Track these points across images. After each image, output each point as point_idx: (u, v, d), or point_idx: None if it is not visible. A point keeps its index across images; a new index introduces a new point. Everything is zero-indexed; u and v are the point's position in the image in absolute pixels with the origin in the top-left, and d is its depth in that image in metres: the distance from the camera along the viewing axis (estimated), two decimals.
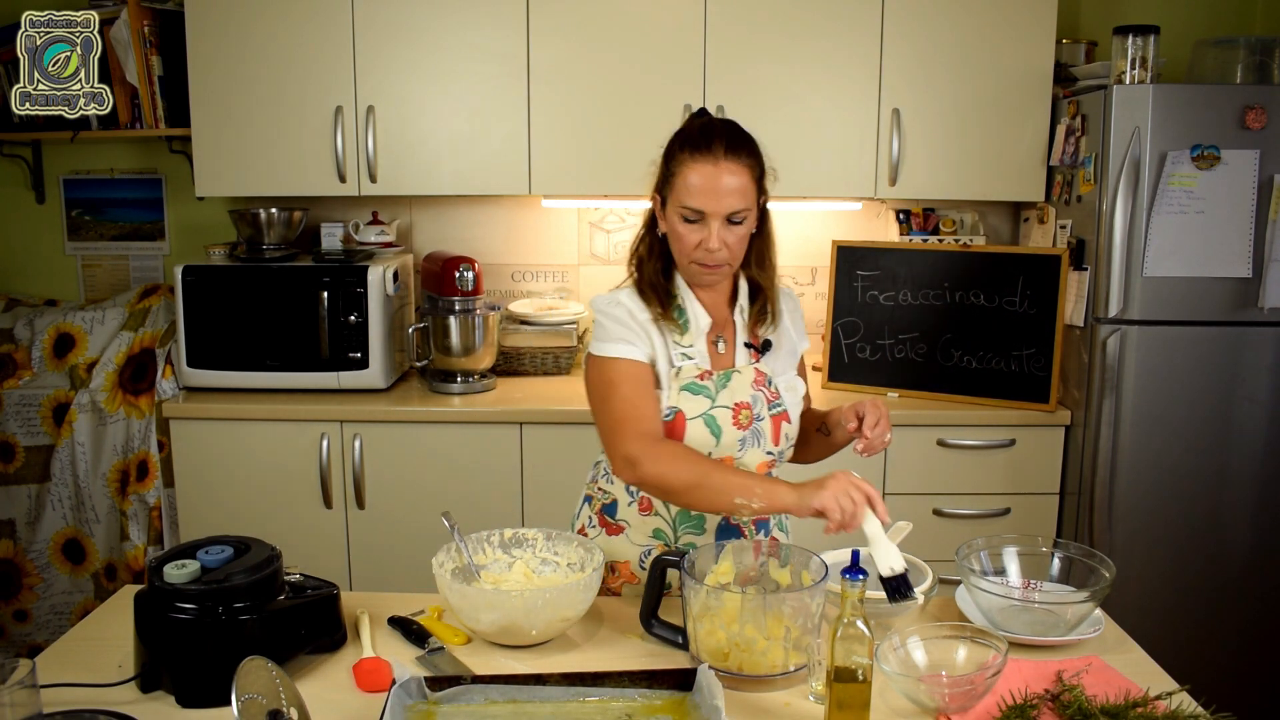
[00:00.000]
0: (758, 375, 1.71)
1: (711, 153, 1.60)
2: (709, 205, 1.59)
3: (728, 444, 1.66)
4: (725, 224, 1.61)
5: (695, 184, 1.60)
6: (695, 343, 1.69)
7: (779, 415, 1.71)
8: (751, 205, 1.63)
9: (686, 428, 1.65)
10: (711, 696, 1.24)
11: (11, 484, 2.99)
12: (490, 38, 2.85)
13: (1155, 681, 1.40)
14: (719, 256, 1.62)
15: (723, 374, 1.69)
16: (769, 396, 1.71)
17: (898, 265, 2.95)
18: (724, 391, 1.67)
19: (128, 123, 3.02)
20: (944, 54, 2.87)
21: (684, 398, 1.66)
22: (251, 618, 1.38)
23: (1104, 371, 2.66)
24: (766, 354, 1.74)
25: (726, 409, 1.66)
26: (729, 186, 1.59)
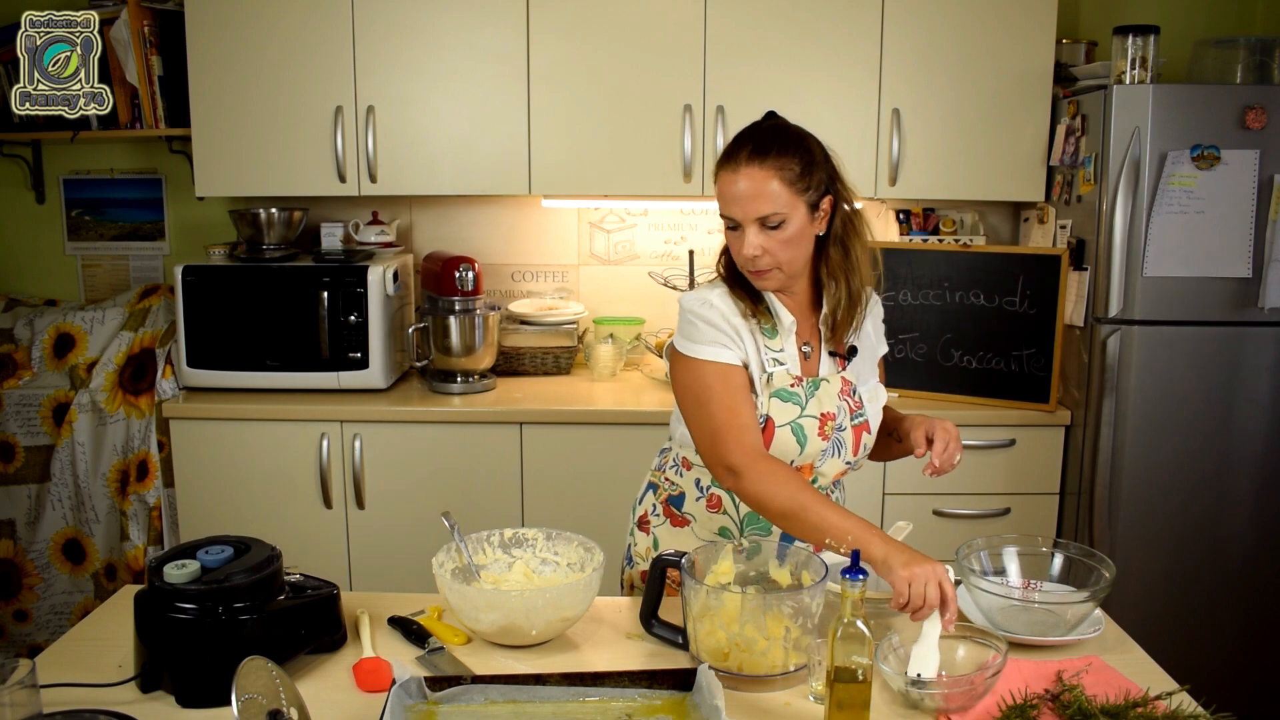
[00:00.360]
0: (844, 384, 1.70)
1: (734, 160, 1.59)
2: (735, 211, 1.59)
3: (811, 453, 1.65)
4: (760, 229, 1.58)
5: (722, 191, 1.61)
6: (785, 345, 1.66)
7: (861, 425, 1.70)
8: (785, 208, 1.57)
9: (775, 435, 1.63)
10: (711, 696, 1.24)
11: (11, 484, 2.99)
12: (490, 38, 2.85)
13: (1155, 681, 1.40)
14: (761, 263, 1.59)
15: (812, 381, 1.67)
16: (853, 406, 1.70)
17: (898, 265, 2.95)
18: (813, 400, 1.65)
19: (128, 123, 3.02)
20: (944, 54, 2.87)
21: (775, 404, 1.63)
22: (251, 618, 1.38)
23: (1104, 371, 2.66)
24: (852, 360, 1.73)
25: (814, 418, 1.65)
26: (749, 192, 1.57)
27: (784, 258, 1.60)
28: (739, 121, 2.86)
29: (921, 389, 2.91)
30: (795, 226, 1.59)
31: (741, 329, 1.64)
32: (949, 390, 2.89)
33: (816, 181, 1.62)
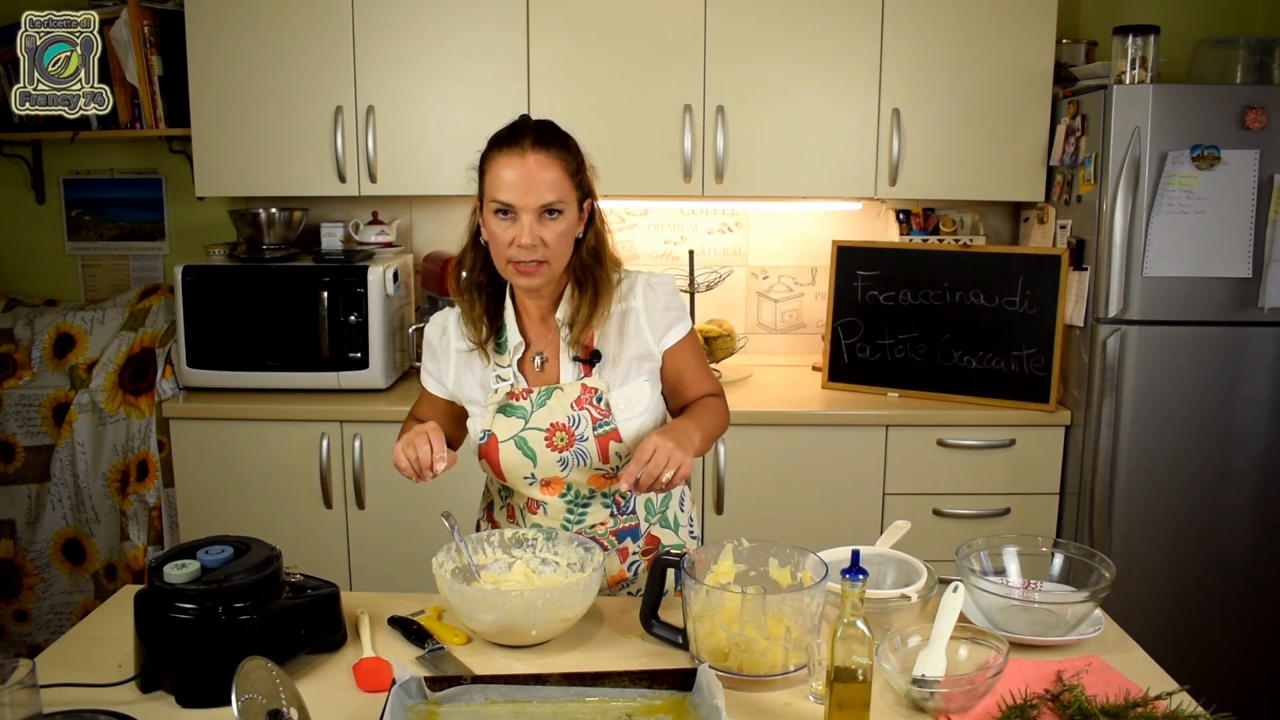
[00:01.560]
0: (584, 390, 1.66)
1: (519, 145, 1.57)
2: (517, 197, 1.55)
3: (546, 465, 1.66)
4: (539, 218, 1.56)
5: (503, 177, 1.56)
6: (510, 363, 1.68)
7: (608, 434, 1.65)
8: (566, 199, 1.59)
9: (500, 450, 1.66)
10: (711, 696, 1.24)
11: (11, 484, 2.99)
12: (490, 38, 2.85)
13: (1155, 681, 1.40)
14: (536, 254, 1.57)
15: (542, 391, 1.66)
16: (596, 415, 1.65)
17: (898, 265, 2.95)
18: (540, 411, 1.65)
19: (128, 123, 3.02)
20: (944, 54, 2.87)
21: (498, 420, 1.67)
22: (251, 618, 1.38)
23: (1104, 371, 2.66)
24: (597, 365, 1.68)
25: (540, 431, 1.65)
26: (538, 178, 1.55)
27: (556, 252, 1.60)
28: (739, 121, 2.89)
29: (921, 389, 2.92)
30: (569, 220, 1.61)
31: (462, 358, 1.71)
32: (949, 390, 2.89)
33: (584, 180, 1.65)
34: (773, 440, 2.78)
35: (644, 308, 1.70)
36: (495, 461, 1.68)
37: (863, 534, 2.59)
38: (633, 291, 1.71)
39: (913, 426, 2.78)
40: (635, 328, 1.70)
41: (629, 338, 1.70)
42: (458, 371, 1.73)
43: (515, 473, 1.68)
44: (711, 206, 3.28)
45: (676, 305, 1.73)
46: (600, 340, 1.69)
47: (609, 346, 1.69)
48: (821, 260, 3.29)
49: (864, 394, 2.95)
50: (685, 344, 1.74)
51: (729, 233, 3.31)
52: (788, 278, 3.34)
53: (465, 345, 1.70)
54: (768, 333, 3.37)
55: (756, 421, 2.76)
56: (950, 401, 2.87)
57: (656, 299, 1.71)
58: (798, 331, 3.37)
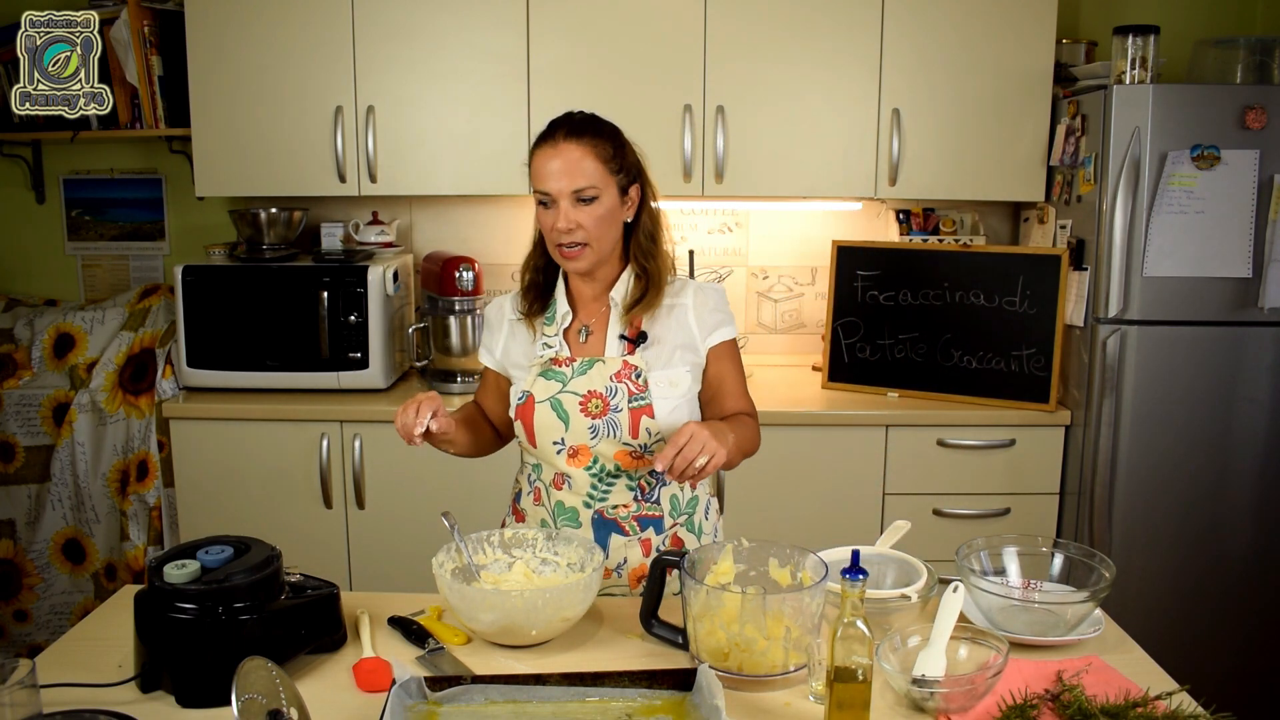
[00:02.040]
0: (625, 366, 1.73)
1: (553, 138, 1.68)
2: (551, 185, 1.66)
3: (577, 430, 1.71)
4: (574, 203, 1.66)
5: (539, 168, 1.67)
6: (557, 333, 1.77)
7: (641, 409, 1.71)
8: (600, 184, 1.67)
9: (535, 411, 1.73)
10: (711, 696, 1.24)
11: (11, 484, 2.99)
12: (490, 38, 2.85)
13: (1155, 681, 1.40)
14: (574, 236, 1.67)
15: (584, 361, 1.74)
16: (633, 389, 1.71)
17: (898, 265, 2.95)
18: (580, 379, 1.72)
19: (128, 123, 3.02)
20: (944, 54, 2.87)
21: (538, 383, 1.74)
22: (251, 618, 1.38)
23: (1104, 371, 2.66)
24: (642, 346, 1.74)
25: (576, 395, 1.72)
26: (568, 165, 1.65)
27: (595, 234, 1.68)
28: (739, 121, 2.89)
29: (921, 389, 2.92)
30: (606, 205, 1.68)
31: (513, 327, 1.82)
32: (949, 390, 2.89)
33: (627, 166, 1.73)
34: (773, 440, 2.77)
35: (694, 305, 1.78)
36: (529, 423, 1.73)
37: (863, 534, 2.58)
38: (685, 291, 1.79)
39: (913, 426, 2.78)
40: (682, 320, 1.77)
41: (675, 328, 1.77)
42: (507, 341, 1.83)
43: (546, 435, 1.73)
44: (711, 206, 3.28)
45: (726, 310, 1.82)
46: (648, 324, 1.76)
47: (655, 331, 1.76)
48: (821, 260, 3.29)
49: (864, 394, 2.95)
50: (730, 348, 1.81)
51: (729, 233, 3.31)
52: (788, 278, 3.34)
53: (517, 315, 1.82)
54: (768, 333, 3.37)
55: None
56: (950, 401, 2.87)
57: (707, 299, 1.80)
58: (798, 331, 3.37)
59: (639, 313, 1.74)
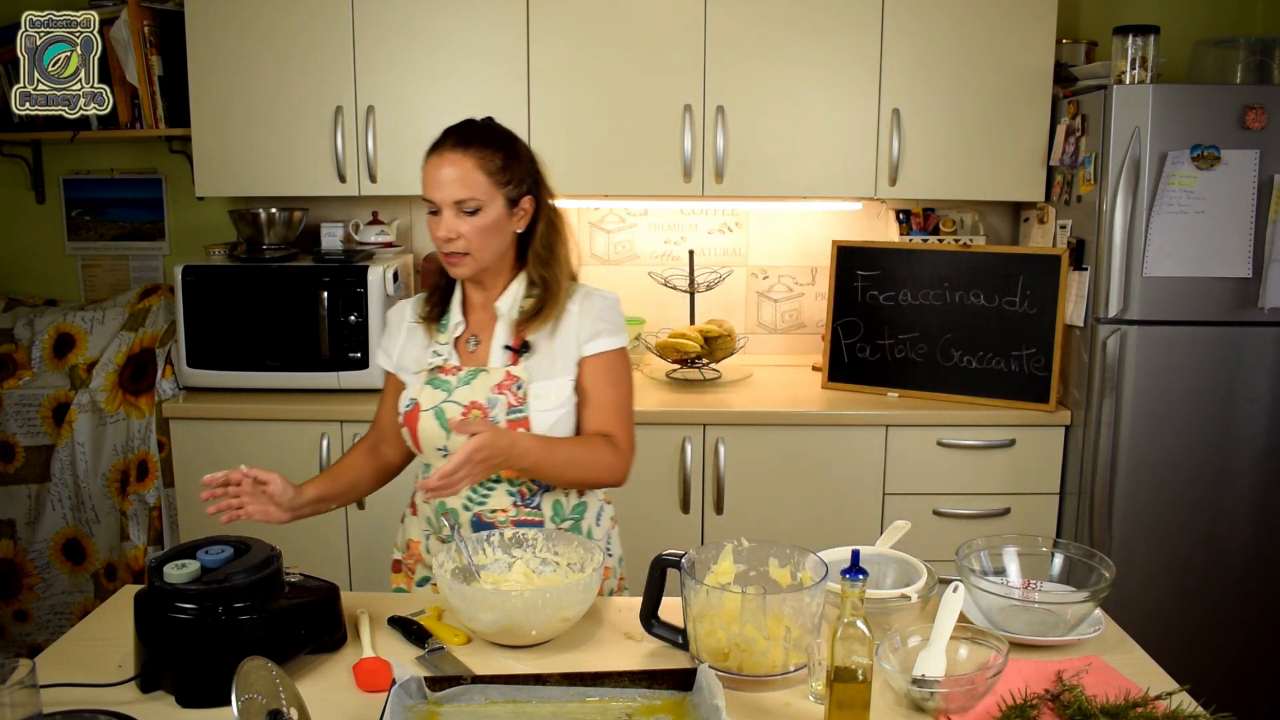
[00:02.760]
0: (507, 377, 1.73)
1: (440, 148, 1.70)
2: (434, 194, 1.68)
3: (458, 440, 1.69)
4: (457, 214, 1.67)
5: (427, 176, 1.70)
6: (447, 341, 1.78)
7: (518, 421, 1.71)
8: (483, 196, 1.67)
9: (420, 419, 1.74)
10: (711, 696, 1.24)
11: (11, 484, 2.99)
12: (490, 38, 2.85)
13: (1155, 681, 1.40)
14: (455, 245, 1.68)
15: (470, 371, 1.75)
16: (513, 401, 1.72)
17: (898, 265, 2.95)
18: (464, 388, 1.73)
19: (128, 123, 3.02)
20: (944, 54, 2.87)
21: (425, 391, 1.76)
22: (252, 618, 1.38)
23: (1104, 371, 2.66)
24: (525, 356, 1.74)
25: (459, 405, 1.73)
26: (450, 176, 1.67)
27: (476, 244, 1.69)
28: (739, 121, 2.89)
29: (921, 389, 2.91)
30: (491, 216, 1.69)
31: (411, 332, 1.82)
32: (949, 390, 2.89)
33: (517, 178, 1.73)
34: (773, 440, 2.78)
35: (578, 312, 1.77)
36: (415, 430, 1.75)
37: (863, 534, 2.59)
38: (573, 298, 1.78)
39: (913, 426, 2.78)
40: (566, 328, 1.76)
41: (560, 337, 1.76)
42: (404, 344, 1.83)
43: (430, 443, 1.74)
44: (711, 206, 3.28)
45: (611, 319, 1.79)
46: (533, 334, 1.76)
47: (541, 341, 1.76)
48: (821, 260, 3.29)
49: (864, 394, 2.95)
50: (606, 361, 1.77)
51: (729, 233, 3.31)
52: (788, 278, 3.34)
53: (414, 318, 1.83)
54: (768, 333, 3.37)
55: (756, 421, 2.76)
56: (950, 401, 2.87)
57: (592, 306, 1.78)
58: (798, 331, 3.37)
59: (535, 323, 1.74)
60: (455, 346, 1.78)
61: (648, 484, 2.78)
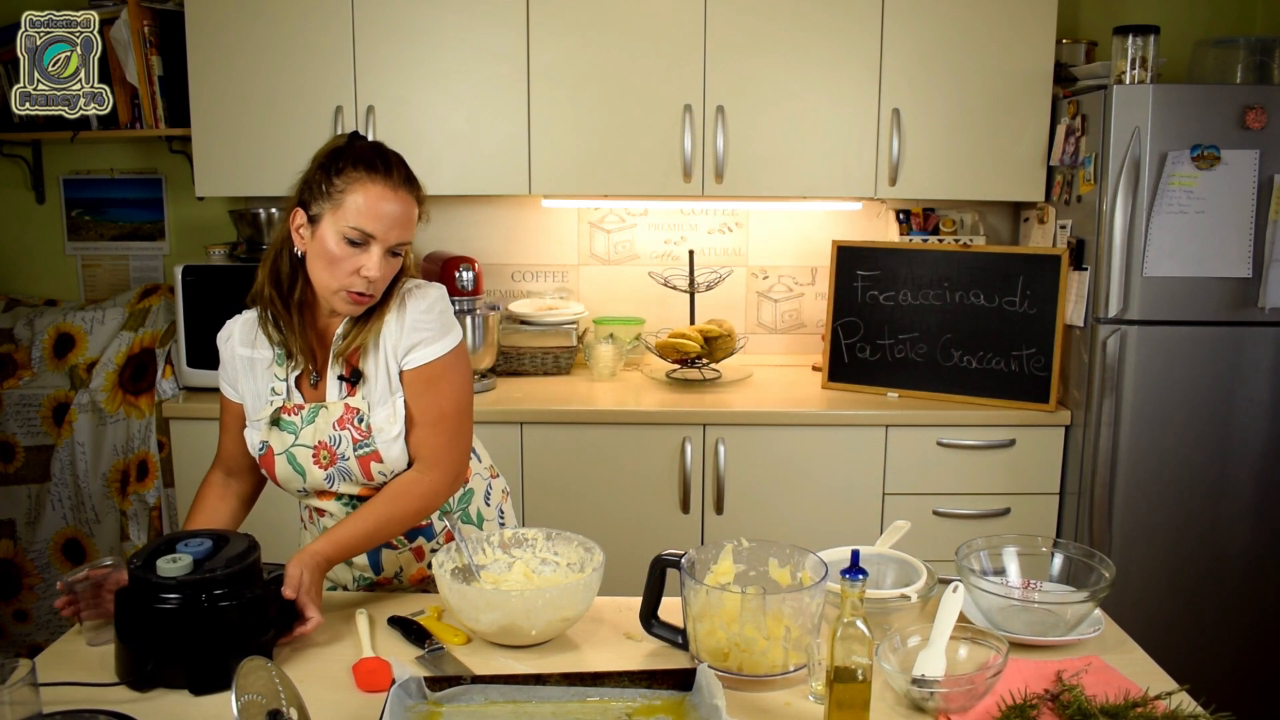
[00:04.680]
0: (347, 410, 1.63)
1: (391, 179, 1.56)
2: (380, 231, 1.54)
3: (315, 480, 1.66)
4: (386, 255, 1.56)
5: (369, 207, 1.53)
6: (287, 378, 1.66)
7: (368, 456, 1.63)
8: (409, 243, 1.60)
9: (275, 463, 1.67)
10: (711, 696, 1.24)
11: (11, 484, 2.99)
12: (490, 38, 2.85)
13: (1155, 681, 1.40)
14: (375, 287, 1.56)
15: (312, 409, 1.64)
16: (356, 435, 1.62)
17: (898, 265, 2.95)
18: (309, 428, 1.64)
19: (128, 123, 3.02)
20: (944, 54, 2.87)
21: (273, 433, 1.67)
22: (235, 603, 1.40)
23: (1104, 371, 2.66)
24: (360, 385, 1.63)
25: (308, 448, 1.65)
26: (396, 215, 1.55)
27: (385, 285, 1.60)
28: (739, 121, 2.89)
29: (921, 389, 2.91)
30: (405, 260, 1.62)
31: (244, 364, 1.69)
32: (949, 390, 2.89)
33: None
34: (773, 440, 2.78)
35: (395, 324, 1.63)
36: (272, 472, 1.69)
37: (863, 534, 2.59)
38: (390, 303, 1.63)
39: (913, 426, 2.78)
40: (386, 344, 1.63)
41: (382, 355, 1.63)
42: (240, 378, 1.71)
43: (289, 484, 1.69)
44: (711, 206, 3.28)
45: (428, 325, 1.63)
46: (363, 357, 1.64)
47: (369, 363, 1.63)
48: (821, 260, 3.29)
49: (864, 394, 2.95)
50: (423, 374, 1.63)
51: (729, 233, 3.31)
52: (788, 278, 3.34)
53: (248, 353, 1.69)
54: (768, 333, 3.37)
55: (756, 421, 2.76)
56: (950, 401, 2.87)
57: (406, 316, 1.63)
58: (798, 331, 3.37)
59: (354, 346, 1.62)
60: (297, 383, 1.67)
61: (648, 484, 2.78)
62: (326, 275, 1.56)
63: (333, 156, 1.57)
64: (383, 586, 1.76)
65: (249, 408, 1.70)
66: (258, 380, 1.69)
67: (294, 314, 1.62)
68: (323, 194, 1.55)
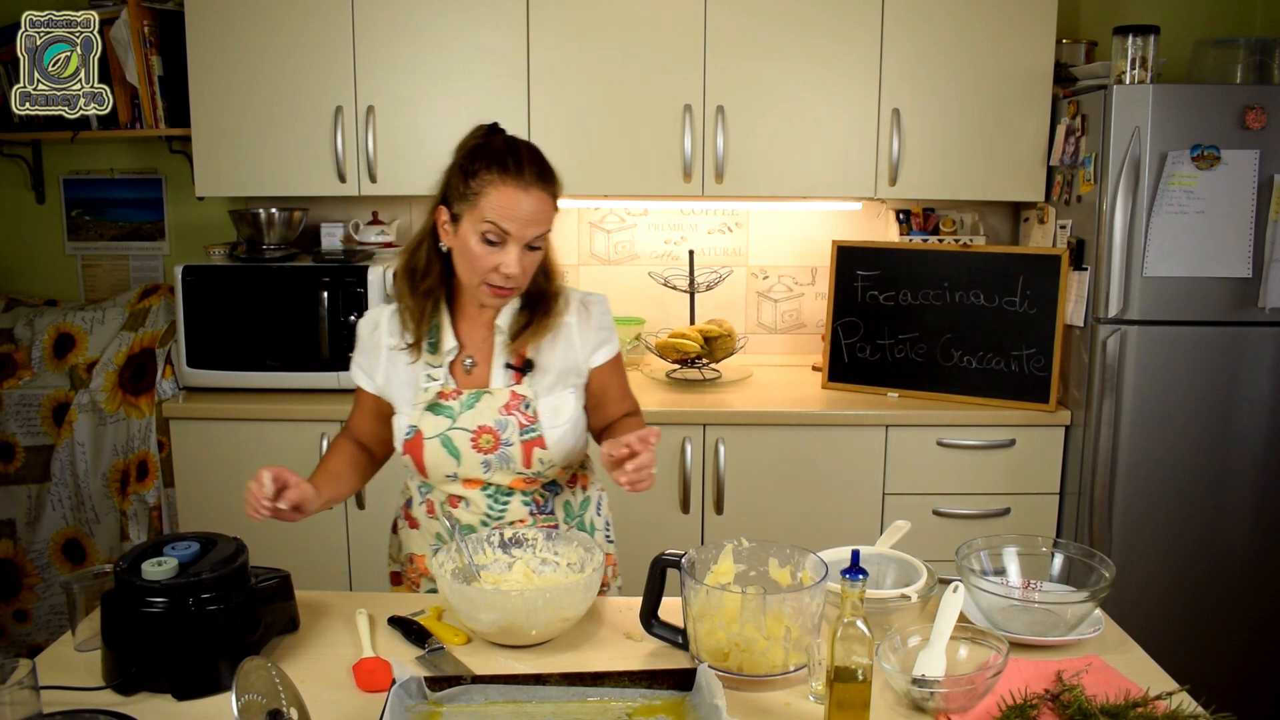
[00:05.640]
0: (513, 398, 1.69)
1: (523, 178, 1.59)
2: (515, 229, 1.58)
3: (469, 465, 1.68)
4: (525, 249, 1.61)
5: (502, 207, 1.58)
6: (442, 364, 1.71)
7: (532, 441, 1.68)
8: (549, 231, 1.64)
9: (425, 447, 1.69)
10: (711, 696, 1.24)
11: (11, 484, 2.99)
12: (490, 38, 2.85)
13: (1155, 681, 1.40)
14: (515, 281, 1.62)
15: (472, 394, 1.69)
16: (523, 420, 1.68)
17: (898, 265, 2.95)
18: (468, 413, 1.68)
19: (128, 123, 3.02)
20: (944, 54, 2.87)
21: (425, 417, 1.69)
22: (225, 606, 1.40)
23: (1104, 371, 2.66)
24: (529, 374, 1.71)
25: (466, 431, 1.68)
26: (536, 213, 1.60)
27: (528, 277, 1.65)
28: (739, 121, 2.89)
29: (921, 389, 2.91)
30: (544, 250, 1.66)
31: (392, 355, 1.72)
32: (949, 390, 2.89)
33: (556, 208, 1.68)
34: (773, 440, 2.78)
35: (577, 324, 1.74)
36: (419, 458, 1.70)
37: (863, 534, 2.59)
38: (568, 308, 1.74)
39: (913, 426, 2.78)
40: (567, 342, 1.73)
41: (560, 350, 1.72)
42: (387, 368, 1.75)
43: (438, 470, 1.71)
44: (711, 206, 3.28)
45: (608, 325, 1.78)
46: (533, 350, 1.71)
47: (540, 356, 1.72)
48: (821, 260, 3.29)
49: (864, 394, 2.95)
50: (613, 364, 1.78)
51: (729, 233, 3.31)
52: (788, 278, 3.34)
53: (395, 342, 1.73)
54: (768, 333, 3.37)
55: (756, 421, 2.76)
56: (950, 401, 2.87)
57: (590, 318, 1.75)
58: (798, 331, 3.37)
59: (527, 340, 1.69)
60: (450, 369, 1.72)
61: None
62: (468, 271, 1.63)
63: (469, 156, 1.63)
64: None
65: (396, 395, 1.74)
66: (406, 368, 1.72)
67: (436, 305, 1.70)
68: (460, 194, 1.61)
